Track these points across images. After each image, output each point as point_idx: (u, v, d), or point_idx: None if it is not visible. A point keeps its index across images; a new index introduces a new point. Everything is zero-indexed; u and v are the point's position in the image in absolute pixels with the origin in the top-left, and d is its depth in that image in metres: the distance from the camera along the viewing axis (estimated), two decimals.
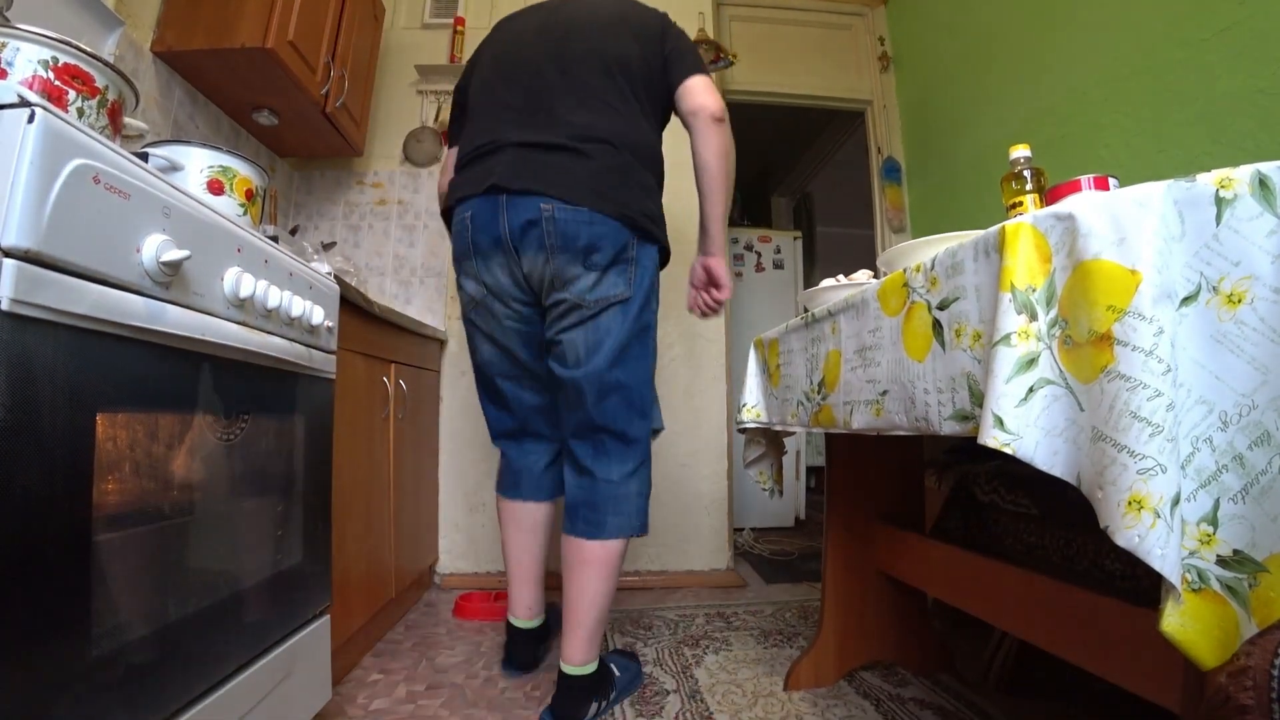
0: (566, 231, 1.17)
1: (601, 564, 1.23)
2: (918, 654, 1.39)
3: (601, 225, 1.18)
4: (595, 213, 1.17)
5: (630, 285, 1.22)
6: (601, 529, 1.23)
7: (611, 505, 1.24)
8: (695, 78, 1.28)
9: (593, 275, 1.19)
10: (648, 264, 1.26)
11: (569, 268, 1.19)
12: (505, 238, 1.19)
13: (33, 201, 0.54)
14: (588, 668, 1.23)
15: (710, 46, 2.44)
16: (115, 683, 0.64)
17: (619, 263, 1.20)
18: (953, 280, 0.74)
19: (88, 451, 0.61)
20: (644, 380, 1.29)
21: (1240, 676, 0.50)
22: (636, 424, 1.27)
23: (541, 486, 1.44)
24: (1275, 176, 0.51)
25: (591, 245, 1.18)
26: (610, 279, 1.20)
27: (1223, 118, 1.33)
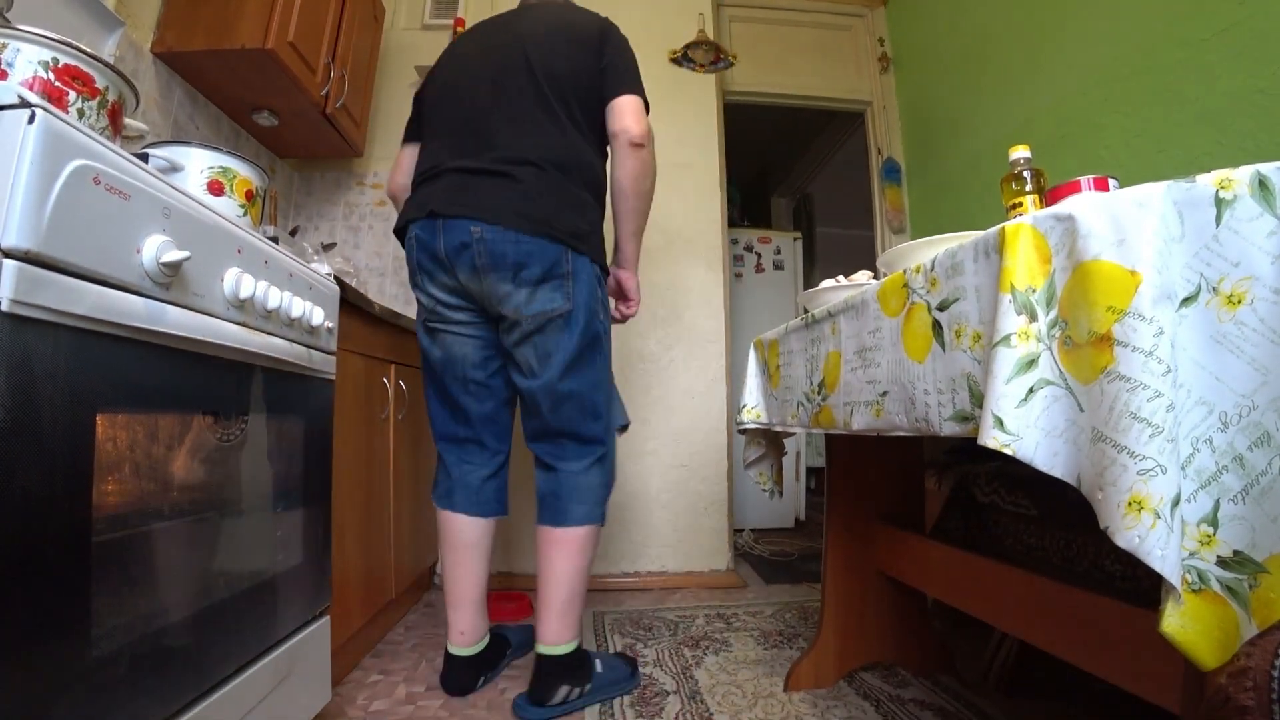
0: (494, 251, 1.22)
1: (566, 544, 1.29)
2: (918, 655, 1.39)
3: (528, 243, 1.22)
4: (519, 233, 1.22)
5: (569, 299, 1.26)
6: (566, 515, 1.30)
7: (574, 494, 1.31)
8: (624, 97, 1.30)
9: (524, 291, 1.24)
10: (585, 277, 1.28)
11: (500, 285, 1.24)
12: (444, 257, 1.26)
13: (33, 202, 0.54)
14: (559, 648, 1.27)
15: (710, 47, 2.44)
16: (115, 683, 0.64)
17: (553, 278, 1.24)
18: (953, 281, 0.74)
19: (88, 452, 0.61)
20: (596, 386, 1.33)
21: (1240, 677, 0.50)
22: (591, 425, 1.33)
23: (478, 500, 1.39)
24: (1275, 177, 0.51)
25: (519, 262, 1.23)
26: (544, 294, 1.24)
27: (1223, 118, 1.33)
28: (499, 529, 1.48)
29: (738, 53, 2.63)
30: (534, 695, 1.25)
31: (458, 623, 1.36)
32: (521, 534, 2.20)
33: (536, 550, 1.32)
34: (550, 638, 1.27)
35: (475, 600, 1.38)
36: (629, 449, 2.25)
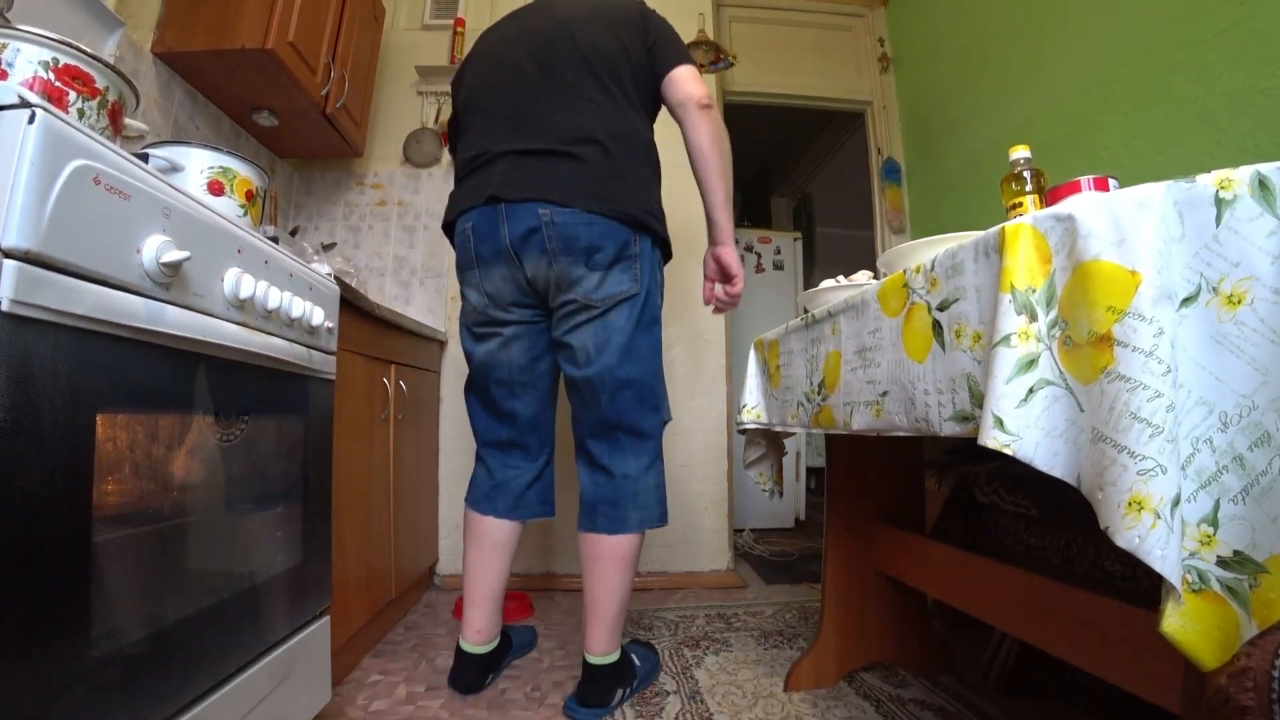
0: (567, 234, 1.19)
1: (622, 557, 1.26)
2: (918, 655, 1.39)
3: (600, 225, 1.19)
4: (593, 214, 1.19)
5: (637, 281, 1.24)
6: (624, 524, 1.25)
7: (632, 500, 1.26)
8: (681, 68, 1.28)
9: (597, 275, 1.21)
10: (649, 258, 1.27)
11: (573, 269, 1.21)
12: (507, 246, 1.21)
13: (33, 202, 0.54)
14: (611, 657, 1.27)
15: (710, 47, 2.44)
16: (115, 683, 0.64)
17: (622, 260, 1.22)
18: (953, 281, 0.74)
19: (88, 452, 0.61)
20: (654, 374, 1.30)
21: (1240, 677, 0.50)
22: (650, 418, 1.29)
23: (519, 505, 1.38)
24: (1275, 177, 0.51)
25: (593, 246, 1.20)
26: (615, 276, 1.22)
27: (1223, 118, 1.33)
28: None
29: (738, 53, 2.63)
30: (590, 699, 1.24)
31: (475, 620, 1.36)
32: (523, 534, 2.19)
33: (584, 559, 1.28)
34: (601, 649, 1.26)
35: (495, 598, 1.38)
36: None
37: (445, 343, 2.27)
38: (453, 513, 2.20)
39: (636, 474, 1.27)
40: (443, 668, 1.47)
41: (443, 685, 1.38)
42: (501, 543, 1.38)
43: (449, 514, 2.20)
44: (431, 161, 2.38)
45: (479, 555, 1.37)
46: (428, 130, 2.38)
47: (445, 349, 2.28)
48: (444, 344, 2.27)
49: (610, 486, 1.27)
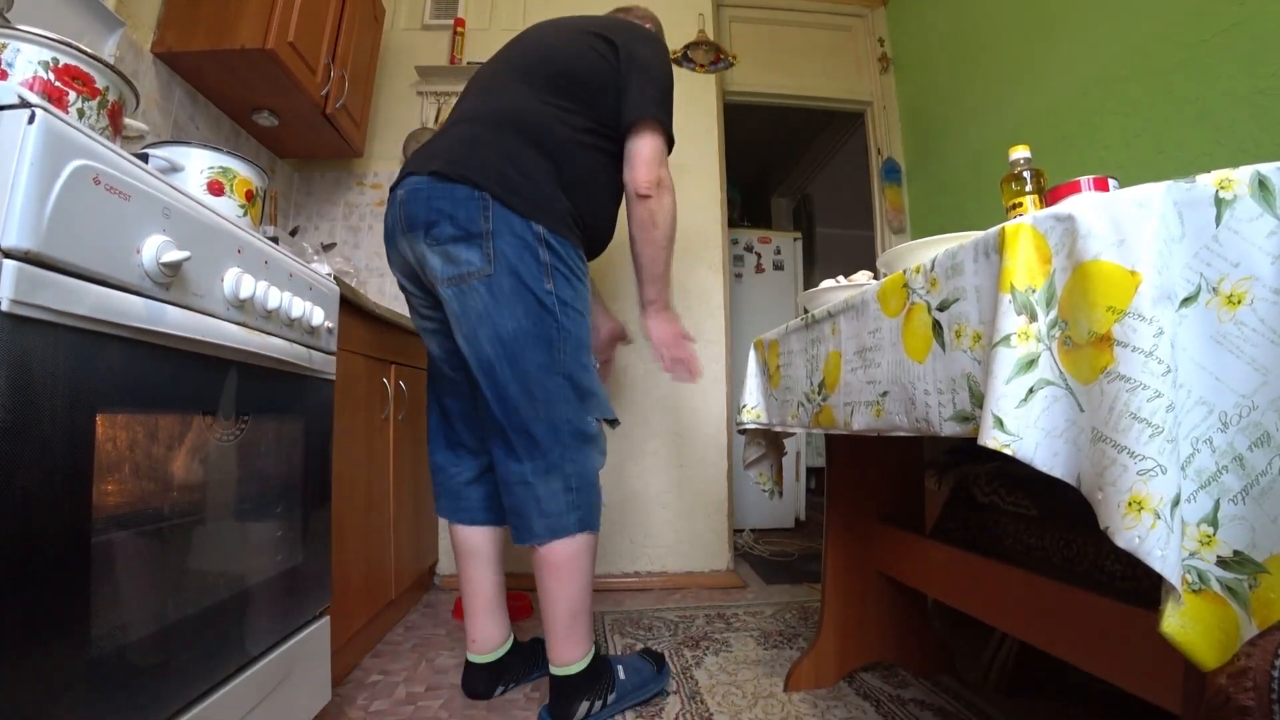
0: (410, 210, 1.16)
1: (549, 565, 1.18)
2: (918, 655, 1.39)
3: (442, 197, 1.12)
4: (437, 181, 1.13)
5: (488, 260, 1.12)
6: (529, 533, 1.17)
7: (534, 506, 1.16)
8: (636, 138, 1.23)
9: (437, 250, 1.14)
10: (511, 236, 1.13)
11: (417, 245, 1.17)
12: (388, 228, 1.24)
13: (33, 202, 0.54)
14: (571, 668, 1.20)
15: (710, 47, 2.44)
16: (115, 684, 0.64)
17: (470, 236, 1.12)
18: (952, 281, 0.73)
19: (87, 452, 0.61)
20: (548, 369, 1.15)
21: (1240, 678, 0.50)
22: (542, 418, 1.15)
23: (466, 507, 1.35)
24: (1275, 177, 0.51)
25: (431, 219, 1.13)
26: (459, 250, 1.12)
27: (1222, 118, 1.33)
28: None
29: (738, 53, 2.63)
30: (553, 710, 1.20)
31: (471, 630, 1.34)
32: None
33: None
34: (559, 659, 1.20)
35: (485, 608, 1.34)
36: (629, 449, 2.25)
37: None
38: None
39: (533, 478, 1.16)
40: (442, 667, 1.48)
41: (443, 685, 1.38)
42: (470, 550, 1.35)
43: None
44: None
45: (459, 564, 1.37)
46: (428, 130, 2.38)
47: None
48: None
49: (510, 494, 1.19)
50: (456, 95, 2.36)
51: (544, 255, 1.15)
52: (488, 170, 1.13)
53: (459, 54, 2.39)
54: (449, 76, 2.40)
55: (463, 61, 2.39)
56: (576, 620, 1.20)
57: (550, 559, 1.18)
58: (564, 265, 1.18)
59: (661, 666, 1.35)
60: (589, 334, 1.23)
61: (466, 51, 2.41)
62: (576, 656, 1.21)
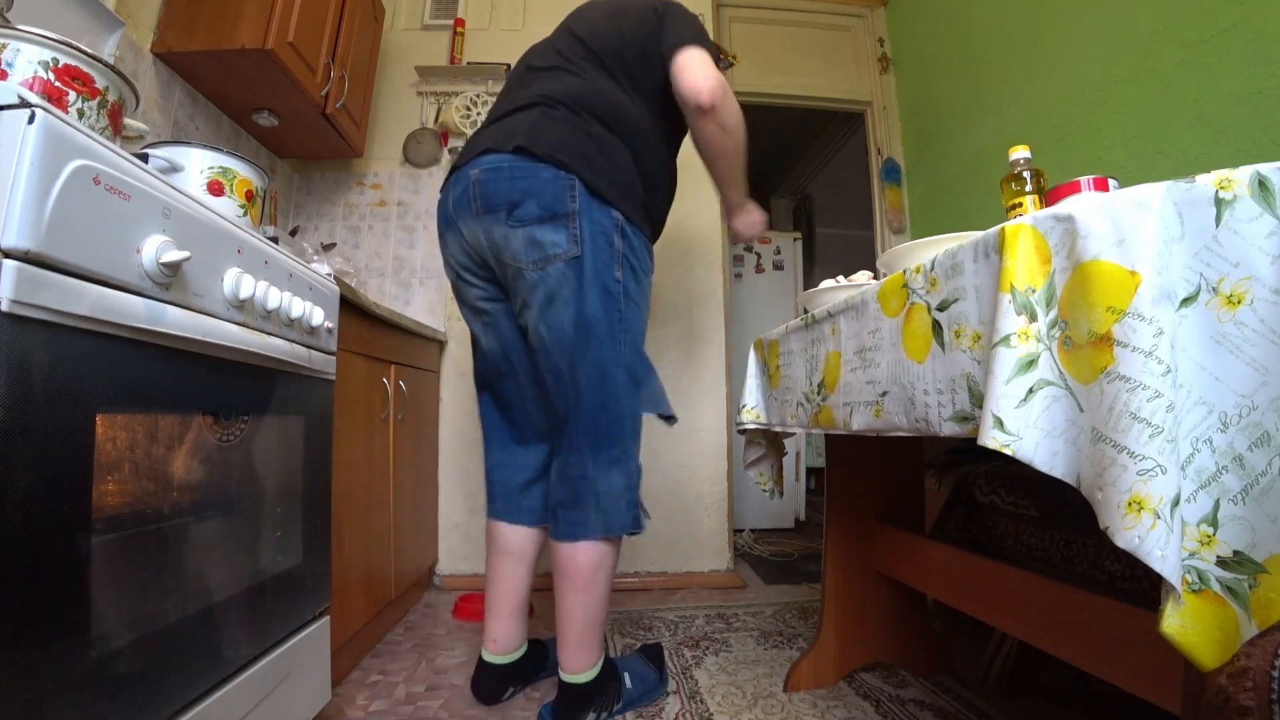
0: (489, 190, 1.11)
1: (577, 571, 1.14)
2: (918, 655, 1.39)
3: (526, 177, 1.09)
4: (519, 160, 1.10)
5: (575, 242, 1.09)
6: (583, 527, 1.13)
7: (592, 501, 1.13)
8: (681, 54, 1.14)
9: (521, 232, 1.10)
10: (599, 220, 1.11)
11: (496, 228, 1.12)
12: (450, 211, 1.19)
13: (33, 202, 0.54)
14: (581, 676, 1.18)
15: None
16: (114, 684, 0.64)
17: (556, 217, 1.09)
18: (952, 281, 0.74)
19: (87, 452, 0.61)
20: (614, 360, 1.13)
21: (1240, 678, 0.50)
22: (610, 411, 1.14)
23: (517, 507, 1.31)
24: (1275, 178, 0.51)
25: (515, 199, 1.10)
26: (545, 234, 1.09)
27: (1222, 118, 1.33)
28: None
29: (738, 53, 2.63)
30: (558, 713, 1.19)
31: (492, 629, 1.31)
32: None
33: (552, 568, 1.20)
34: (569, 666, 1.18)
35: (512, 610, 1.31)
36: None
37: (445, 343, 2.27)
38: (452, 513, 2.20)
39: (595, 472, 1.14)
40: (442, 668, 1.48)
41: (443, 685, 1.38)
42: (510, 550, 1.31)
43: (449, 514, 2.20)
44: (431, 161, 2.38)
45: (493, 561, 1.33)
46: (427, 130, 2.38)
47: (445, 349, 2.28)
48: (444, 344, 2.27)
49: (568, 485, 1.15)
50: (456, 95, 2.39)
51: (618, 243, 1.13)
52: (574, 151, 1.10)
53: (459, 54, 2.39)
54: (449, 76, 2.40)
55: (462, 62, 2.39)
56: (591, 630, 1.18)
57: (578, 561, 1.14)
58: (634, 256, 1.17)
59: (662, 667, 1.35)
60: (644, 328, 1.22)
61: (466, 52, 2.41)
62: (587, 665, 1.19)
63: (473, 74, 2.39)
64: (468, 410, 2.24)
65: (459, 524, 2.20)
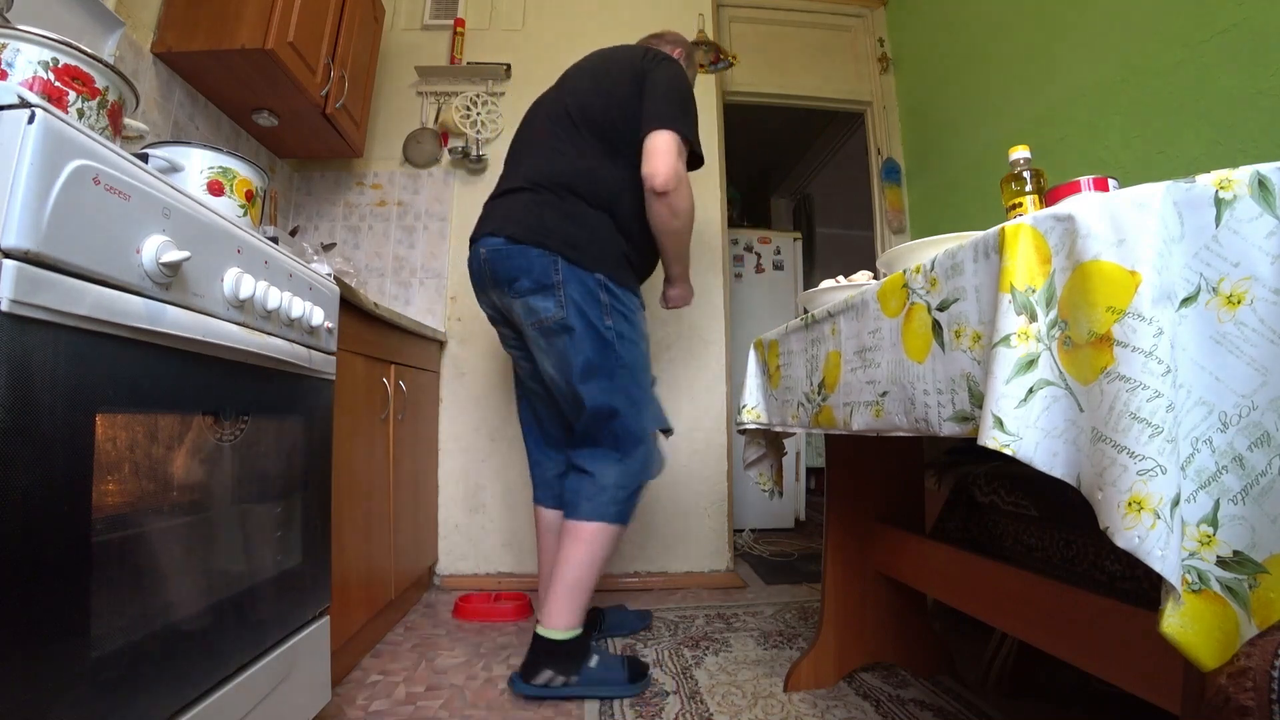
0: (495, 267, 1.37)
1: (575, 536, 1.36)
2: (918, 655, 1.39)
3: (519, 257, 1.33)
4: (511, 243, 1.34)
5: (561, 307, 1.33)
6: (574, 510, 1.38)
7: (585, 492, 1.38)
8: (651, 137, 1.32)
9: (519, 302, 1.36)
10: (578, 286, 1.33)
11: (503, 298, 1.40)
12: (476, 277, 1.46)
13: (33, 202, 0.54)
14: (553, 633, 1.31)
15: (710, 47, 2.44)
16: (114, 683, 0.64)
17: (544, 288, 1.33)
18: (952, 281, 0.74)
19: (87, 452, 0.61)
20: (611, 390, 1.37)
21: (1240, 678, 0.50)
22: (606, 428, 1.39)
23: (553, 494, 1.58)
24: (1274, 178, 0.51)
25: (513, 276, 1.35)
26: (536, 301, 1.34)
27: (1223, 119, 1.33)
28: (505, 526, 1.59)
29: (738, 53, 2.63)
30: (522, 670, 1.32)
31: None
32: (522, 535, 2.20)
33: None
34: (545, 620, 1.33)
35: None
36: None
37: (445, 343, 2.27)
38: (452, 513, 2.20)
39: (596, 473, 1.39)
40: (442, 668, 1.48)
41: (443, 685, 1.38)
42: (553, 527, 1.56)
43: (448, 514, 2.20)
44: (431, 162, 2.38)
45: (541, 542, 1.60)
46: (427, 130, 2.38)
47: (445, 349, 2.28)
48: (444, 344, 2.27)
49: (578, 482, 1.40)
50: (456, 95, 2.39)
51: (604, 298, 1.36)
52: (554, 233, 1.33)
53: (459, 54, 2.39)
54: (449, 77, 2.40)
55: (462, 61, 2.39)
56: (575, 592, 1.33)
57: (575, 530, 1.36)
58: (620, 304, 1.39)
59: (639, 679, 1.35)
60: (645, 358, 1.45)
61: (466, 51, 2.41)
62: (561, 625, 1.32)
63: (473, 74, 2.39)
64: (468, 410, 2.24)
65: (459, 524, 2.20)
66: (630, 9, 2.46)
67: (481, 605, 1.85)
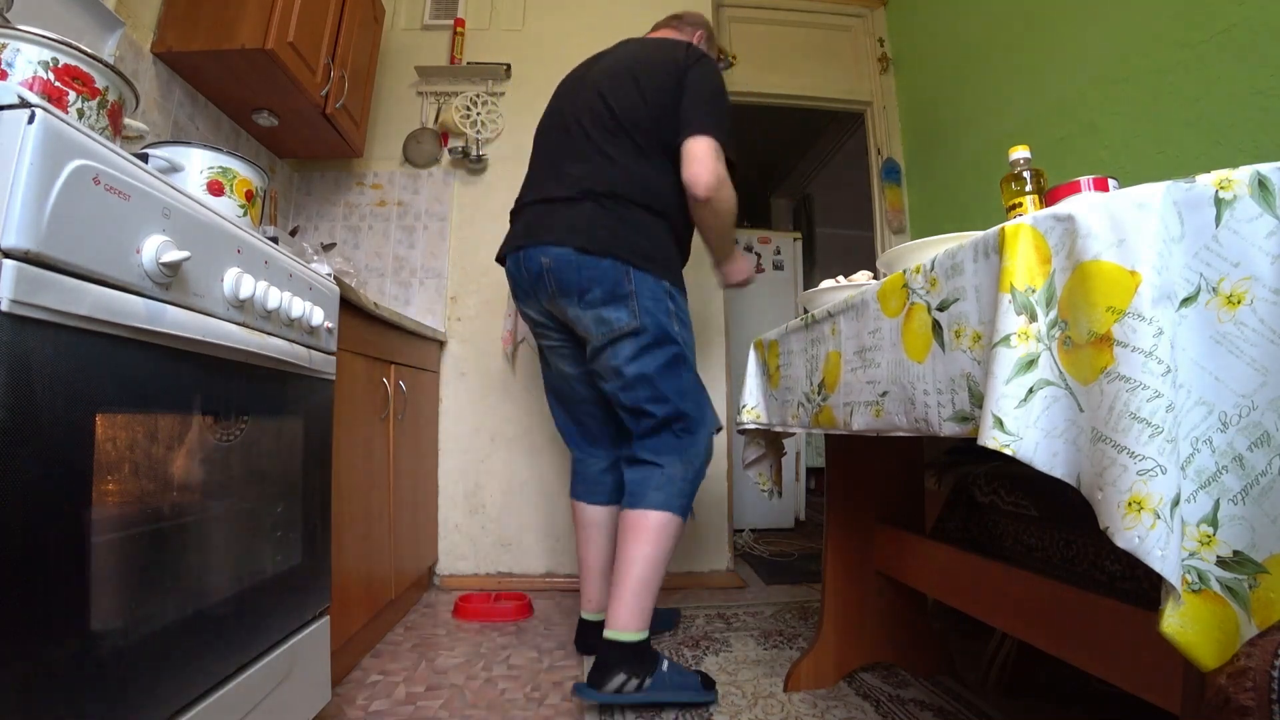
0: (562, 278, 1.34)
1: (642, 528, 1.31)
2: (917, 655, 1.39)
3: (591, 268, 1.31)
4: (583, 255, 1.31)
5: (635, 316, 1.33)
6: (642, 500, 1.34)
7: (654, 483, 1.35)
8: (692, 142, 1.32)
9: (590, 313, 1.34)
10: (650, 294, 1.34)
11: (570, 308, 1.36)
12: (527, 284, 1.42)
13: (33, 202, 0.54)
14: (623, 634, 1.26)
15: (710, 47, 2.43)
16: (113, 684, 0.64)
17: (616, 299, 1.32)
18: (952, 281, 0.74)
19: (87, 452, 0.61)
20: (681, 390, 1.38)
21: (1240, 678, 0.50)
22: (676, 423, 1.38)
23: (596, 490, 1.58)
24: (1274, 178, 0.51)
25: (584, 287, 1.33)
26: (610, 313, 1.33)
27: (1222, 118, 1.33)
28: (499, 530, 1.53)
29: (738, 53, 2.63)
30: (592, 677, 1.23)
31: (586, 592, 1.56)
32: (522, 535, 2.20)
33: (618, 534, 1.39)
34: (613, 622, 1.27)
35: (600, 572, 1.54)
36: None
37: (445, 343, 2.27)
38: (452, 513, 2.20)
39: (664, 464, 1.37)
40: (442, 668, 1.48)
41: (443, 685, 1.38)
42: (594, 522, 1.57)
43: (448, 514, 2.20)
44: (431, 162, 2.38)
45: (581, 535, 1.59)
46: (427, 130, 2.38)
47: (445, 349, 2.28)
48: (444, 344, 2.27)
49: (641, 472, 1.38)
50: (456, 95, 2.39)
51: (671, 306, 1.38)
52: (625, 245, 1.33)
53: (459, 54, 2.39)
54: (449, 76, 2.40)
55: (462, 61, 2.39)
56: (644, 590, 1.28)
57: (640, 522, 1.31)
58: (681, 310, 1.42)
59: (710, 687, 1.30)
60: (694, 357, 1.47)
61: (466, 52, 2.41)
62: (634, 626, 1.27)
63: (473, 74, 2.39)
64: (468, 410, 2.24)
65: (459, 524, 2.20)
66: (628, 8, 2.46)
67: (481, 605, 1.85)
